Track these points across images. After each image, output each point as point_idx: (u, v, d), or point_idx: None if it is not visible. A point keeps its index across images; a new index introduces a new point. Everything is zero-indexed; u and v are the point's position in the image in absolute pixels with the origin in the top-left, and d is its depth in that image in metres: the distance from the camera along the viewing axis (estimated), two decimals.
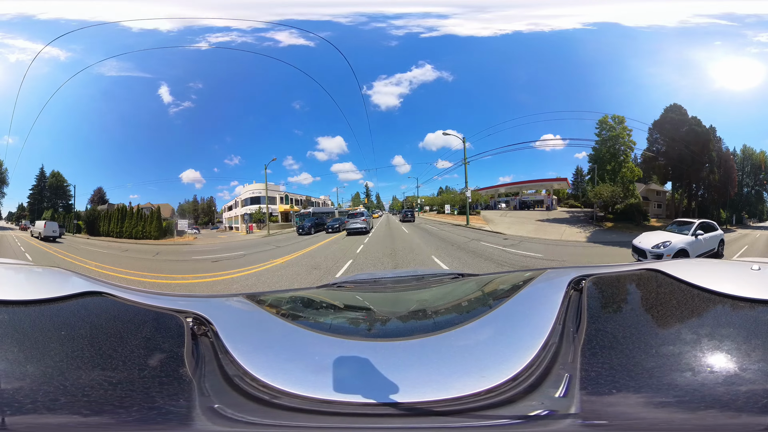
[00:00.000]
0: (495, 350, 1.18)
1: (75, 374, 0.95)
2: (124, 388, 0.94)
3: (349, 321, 1.92)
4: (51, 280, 1.78)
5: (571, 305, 1.31)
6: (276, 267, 11.67)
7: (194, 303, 1.68)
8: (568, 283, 1.47)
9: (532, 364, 1.02)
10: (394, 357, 1.19)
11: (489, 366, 1.05)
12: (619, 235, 13.46)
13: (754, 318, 1.06)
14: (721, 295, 1.19)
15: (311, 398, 0.97)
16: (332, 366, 1.10)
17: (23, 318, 1.15)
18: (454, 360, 1.16)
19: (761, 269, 1.47)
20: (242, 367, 1.08)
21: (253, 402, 0.98)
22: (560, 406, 0.91)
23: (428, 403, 0.94)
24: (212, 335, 1.24)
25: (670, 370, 0.91)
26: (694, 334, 1.02)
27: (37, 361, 0.99)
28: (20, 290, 1.49)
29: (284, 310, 1.98)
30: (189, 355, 1.09)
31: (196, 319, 1.30)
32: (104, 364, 1.01)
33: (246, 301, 1.89)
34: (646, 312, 1.16)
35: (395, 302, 2.20)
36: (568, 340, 1.12)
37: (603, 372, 0.94)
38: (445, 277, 2.60)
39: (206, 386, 1.02)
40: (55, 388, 0.90)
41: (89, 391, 0.91)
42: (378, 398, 0.96)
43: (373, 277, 2.93)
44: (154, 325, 1.25)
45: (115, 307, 1.36)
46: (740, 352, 0.94)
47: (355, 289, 2.47)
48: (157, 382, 0.98)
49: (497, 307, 1.53)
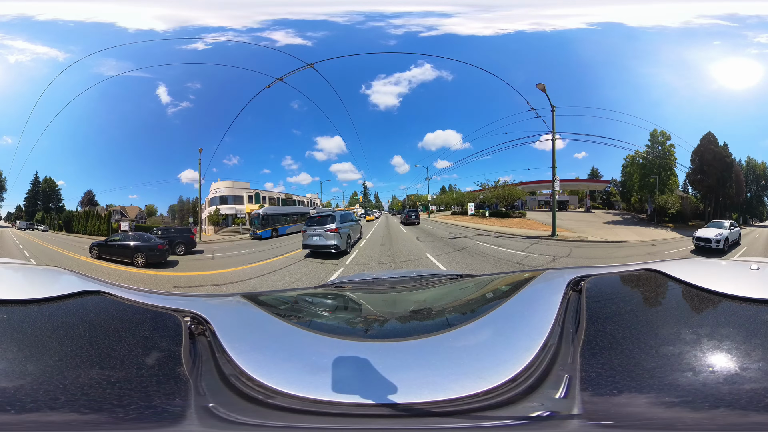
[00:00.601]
0: (494, 351, 1.18)
1: (74, 373, 0.95)
2: (122, 387, 0.94)
3: (347, 321, 1.91)
4: (50, 279, 1.78)
5: (570, 306, 1.30)
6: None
7: (192, 302, 1.67)
8: (567, 284, 1.47)
9: (531, 365, 1.02)
10: (391, 358, 1.19)
11: (488, 367, 1.04)
12: (689, 232, 14.84)
13: (753, 317, 1.06)
14: (720, 294, 1.19)
15: (306, 398, 0.97)
16: (329, 366, 1.10)
17: (22, 317, 1.15)
18: (452, 361, 1.16)
19: (760, 269, 1.47)
20: (239, 366, 1.08)
21: (248, 401, 0.98)
22: (561, 407, 0.91)
23: (426, 404, 0.94)
24: (210, 335, 1.24)
25: (671, 370, 0.91)
26: (694, 334, 1.02)
27: (37, 360, 0.99)
28: (19, 290, 1.49)
29: (282, 310, 1.98)
30: (186, 355, 1.09)
31: (194, 318, 1.30)
32: (103, 363, 1.01)
33: (244, 301, 1.88)
34: (645, 312, 1.16)
35: (394, 303, 2.19)
36: (567, 341, 1.11)
37: (603, 373, 0.94)
38: (443, 278, 2.60)
39: (202, 385, 1.01)
40: (54, 387, 0.90)
41: (88, 390, 0.91)
42: (375, 399, 0.95)
43: (371, 277, 2.92)
44: (152, 324, 1.25)
45: (113, 306, 1.36)
46: (740, 351, 0.94)
47: (353, 290, 2.47)
48: (154, 381, 0.97)
49: (496, 308, 1.52)
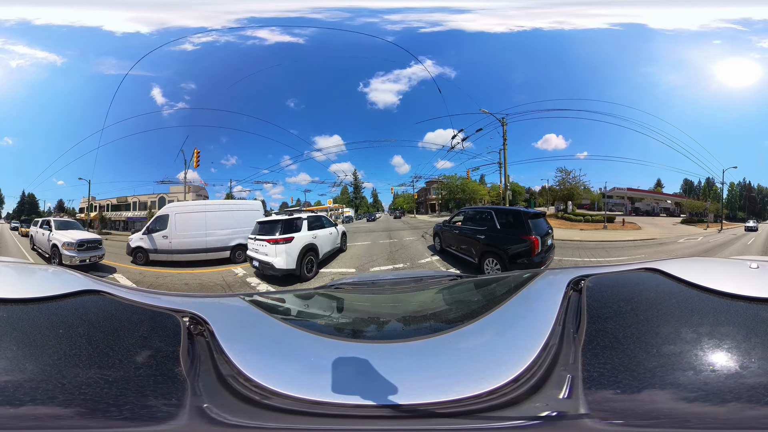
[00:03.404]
0: (495, 352, 1.18)
1: (72, 372, 0.95)
2: (120, 387, 0.93)
3: (347, 322, 1.91)
4: (49, 278, 1.77)
5: (571, 306, 1.30)
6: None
7: (191, 303, 1.67)
8: (568, 284, 1.47)
9: (533, 365, 1.01)
10: (392, 359, 1.18)
11: (489, 368, 1.04)
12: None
13: (753, 316, 1.06)
14: (720, 294, 1.19)
15: (305, 399, 0.96)
16: (329, 367, 1.10)
17: (22, 316, 1.15)
18: (453, 362, 1.16)
19: (759, 267, 1.47)
20: (236, 367, 1.08)
21: (243, 402, 0.98)
22: (567, 407, 0.90)
23: (429, 405, 0.94)
24: (208, 335, 1.23)
25: (672, 369, 0.91)
26: (695, 333, 1.02)
27: (36, 359, 0.98)
28: (19, 288, 1.49)
29: (281, 311, 1.97)
30: (185, 355, 1.09)
31: (192, 318, 1.29)
32: (101, 362, 1.01)
33: (244, 302, 1.88)
34: (645, 312, 1.16)
35: (394, 304, 2.19)
36: (568, 341, 1.11)
37: (605, 372, 0.93)
38: (444, 279, 2.60)
39: (199, 386, 1.01)
40: (53, 385, 0.90)
41: (86, 389, 0.91)
42: (376, 400, 0.95)
43: (371, 278, 2.92)
44: (151, 324, 1.24)
45: (112, 305, 1.36)
46: (741, 350, 0.94)
47: (353, 291, 2.46)
48: (152, 381, 0.97)
49: (496, 309, 1.52)
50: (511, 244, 7.56)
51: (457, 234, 9.36)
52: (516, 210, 8.50)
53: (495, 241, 7.94)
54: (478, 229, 8.59)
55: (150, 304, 1.41)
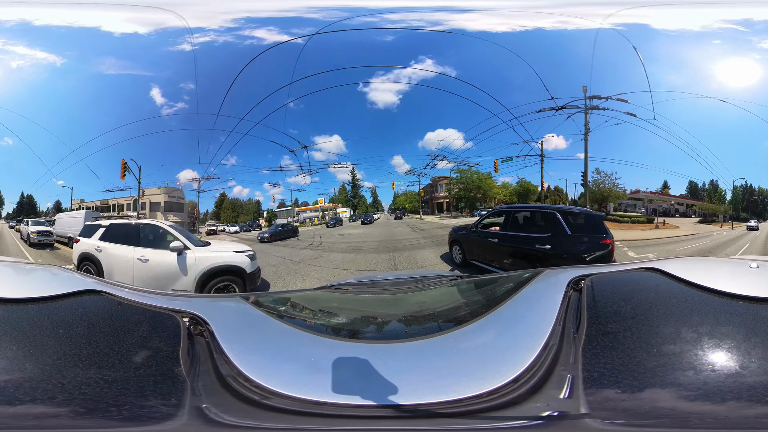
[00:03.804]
0: (495, 352, 1.18)
1: (72, 372, 0.95)
2: (119, 387, 0.93)
3: (347, 323, 1.90)
4: (50, 278, 1.77)
5: (571, 306, 1.30)
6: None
7: (191, 303, 1.67)
8: (568, 284, 1.47)
9: (533, 365, 1.01)
10: (393, 359, 1.18)
11: (490, 368, 1.04)
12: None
13: (753, 315, 1.06)
14: (720, 293, 1.19)
15: (303, 400, 0.96)
16: (329, 368, 1.09)
17: (22, 316, 1.15)
18: (454, 362, 1.16)
19: (759, 267, 1.47)
20: (236, 367, 1.07)
21: (243, 402, 0.97)
22: (568, 407, 0.90)
23: (430, 405, 0.93)
24: (208, 335, 1.23)
25: (672, 369, 0.91)
26: (695, 332, 1.02)
27: (36, 358, 0.98)
28: (19, 288, 1.49)
29: (282, 311, 1.97)
30: (185, 355, 1.08)
31: (192, 318, 1.29)
32: (101, 362, 1.00)
33: (244, 302, 1.88)
34: (646, 311, 1.16)
35: (394, 304, 2.19)
36: (568, 341, 1.11)
37: (606, 372, 0.93)
38: (444, 279, 2.59)
39: (199, 386, 1.01)
40: (53, 385, 0.90)
41: (85, 389, 0.90)
42: (377, 400, 0.95)
43: (371, 279, 2.92)
44: (151, 324, 1.24)
45: (112, 305, 1.36)
46: (741, 349, 0.94)
47: (353, 291, 2.46)
48: (151, 381, 0.97)
49: (496, 309, 1.52)
50: (592, 251, 6.18)
51: (497, 243, 7.25)
52: (587, 211, 7.24)
53: (569, 250, 6.36)
54: (536, 236, 6.76)
55: (150, 304, 1.41)
